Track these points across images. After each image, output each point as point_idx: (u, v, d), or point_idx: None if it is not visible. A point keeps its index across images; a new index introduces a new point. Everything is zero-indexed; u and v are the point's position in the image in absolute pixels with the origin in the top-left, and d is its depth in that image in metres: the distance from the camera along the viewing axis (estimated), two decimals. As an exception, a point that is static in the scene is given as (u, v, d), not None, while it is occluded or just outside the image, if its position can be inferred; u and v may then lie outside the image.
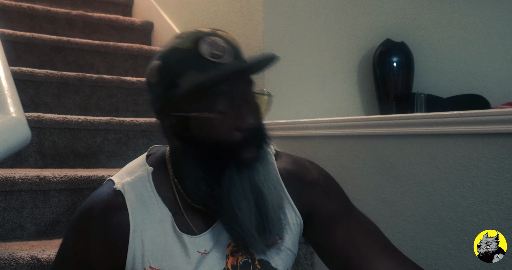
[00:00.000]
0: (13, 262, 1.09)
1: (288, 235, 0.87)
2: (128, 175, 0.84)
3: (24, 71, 1.77)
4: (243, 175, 0.76)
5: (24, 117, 1.00)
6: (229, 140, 0.75)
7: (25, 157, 1.57)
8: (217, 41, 0.78)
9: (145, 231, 0.80)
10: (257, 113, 0.79)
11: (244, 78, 0.79)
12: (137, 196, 0.81)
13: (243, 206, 0.76)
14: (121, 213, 0.79)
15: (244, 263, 0.83)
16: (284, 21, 1.75)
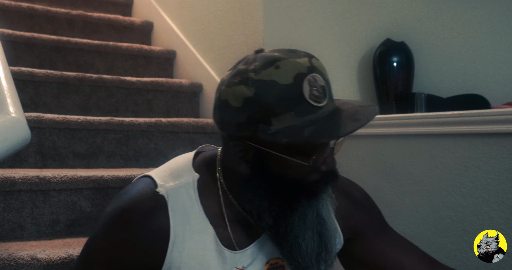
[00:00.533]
0: (13, 262, 1.09)
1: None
2: (172, 179, 0.79)
3: (24, 71, 1.76)
4: (313, 207, 0.76)
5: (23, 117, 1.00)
6: (308, 180, 0.75)
7: (24, 157, 1.57)
8: (318, 80, 0.72)
9: (184, 242, 0.76)
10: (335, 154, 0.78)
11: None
12: (180, 204, 0.77)
13: (308, 237, 0.76)
14: (163, 220, 0.75)
15: None
16: (284, 21, 1.75)
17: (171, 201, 0.76)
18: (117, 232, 0.77)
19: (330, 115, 0.72)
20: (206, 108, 2.05)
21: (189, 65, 2.19)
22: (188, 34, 2.24)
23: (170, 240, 0.75)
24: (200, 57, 2.12)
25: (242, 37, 1.83)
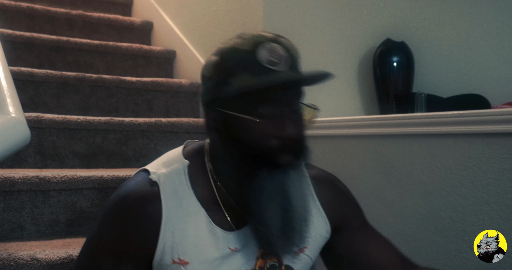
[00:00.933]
0: (13, 263, 1.09)
1: (313, 243, 0.90)
2: (164, 167, 0.85)
3: (24, 71, 1.76)
4: (275, 179, 0.77)
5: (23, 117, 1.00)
6: (267, 145, 0.77)
7: (24, 157, 1.57)
8: (277, 49, 0.80)
9: (176, 223, 0.81)
10: (299, 124, 0.80)
11: (294, 89, 0.80)
12: (172, 189, 0.82)
13: (271, 209, 0.78)
14: (155, 203, 0.81)
15: (271, 266, 0.85)
16: (284, 21, 1.75)
17: (163, 186, 0.82)
18: (115, 218, 0.83)
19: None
20: (206, 108, 2.05)
21: (189, 65, 2.19)
22: (188, 34, 2.24)
23: (162, 221, 0.80)
24: (200, 57, 2.12)
25: (242, 37, 1.83)
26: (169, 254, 0.81)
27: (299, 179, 0.81)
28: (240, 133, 0.78)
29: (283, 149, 0.77)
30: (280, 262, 0.86)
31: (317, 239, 0.90)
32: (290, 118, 0.78)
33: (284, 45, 0.81)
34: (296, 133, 0.78)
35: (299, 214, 0.80)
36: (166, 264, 0.81)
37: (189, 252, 0.81)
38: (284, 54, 0.80)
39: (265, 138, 0.77)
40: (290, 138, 0.77)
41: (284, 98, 0.78)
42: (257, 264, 0.84)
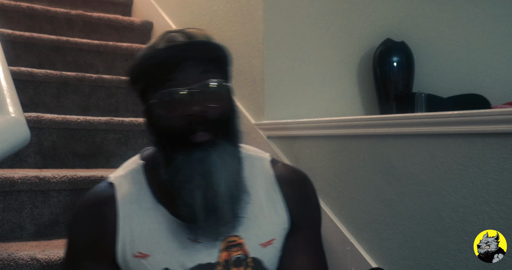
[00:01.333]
0: (12, 263, 1.09)
1: (280, 236, 0.90)
2: (122, 170, 0.91)
3: (23, 71, 1.76)
4: (192, 158, 0.78)
5: (23, 117, 1.00)
6: (175, 126, 0.79)
7: (24, 157, 1.57)
8: (176, 37, 0.83)
9: (134, 218, 0.84)
10: (208, 100, 0.80)
11: (189, 65, 0.81)
12: (128, 187, 0.86)
13: (191, 189, 0.79)
14: (111, 202, 0.85)
15: (237, 259, 0.85)
16: (284, 21, 1.75)
17: (119, 185, 0.87)
18: (76, 221, 0.88)
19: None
20: (206, 108, 2.05)
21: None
22: (188, 34, 2.24)
23: (119, 218, 0.84)
24: (200, 57, 2.11)
25: (242, 37, 1.83)
26: (129, 249, 0.84)
27: (225, 158, 0.80)
28: (153, 121, 0.83)
29: (192, 128, 0.78)
30: (246, 254, 0.86)
31: (283, 232, 0.90)
32: (191, 96, 0.79)
33: (188, 34, 0.84)
34: (202, 109, 0.78)
35: (224, 192, 0.80)
36: (128, 259, 0.84)
37: (148, 245, 0.84)
38: (183, 38, 0.83)
39: (172, 119, 0.79)
40: (194, 115, 0.78)
41: (185, 74, 0.80)
42: (221, 256, 0.85)
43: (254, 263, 0.86)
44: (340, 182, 1.45)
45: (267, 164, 0.94)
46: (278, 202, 0.90)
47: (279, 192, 0.91)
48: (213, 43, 0.83)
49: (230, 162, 0.81)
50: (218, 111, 0.81)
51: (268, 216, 0.89)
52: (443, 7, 2.05)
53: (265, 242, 0.87)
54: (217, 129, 0.80)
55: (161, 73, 0.81)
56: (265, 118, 1.70)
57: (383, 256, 1.34)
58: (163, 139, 0.82)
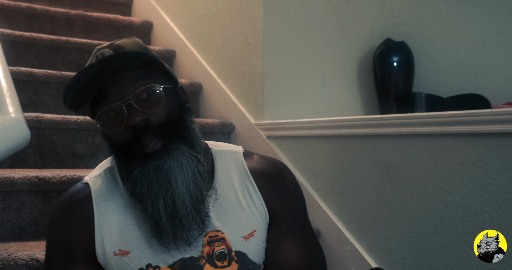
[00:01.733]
0: (12, 263, 1.09)
1: (261, 228, 0.90)
2: (97, 170, 0.92)
3: (23, 71, 1.76)
4: (147, 167, 0.78)
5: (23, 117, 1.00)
6: (123, 141, 0.80)
7: (24, 157, 1.56)
8: (104, 52, 0.82)
9: (110, 216, 0.85)
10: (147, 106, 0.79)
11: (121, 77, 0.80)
12: (103, 185, 0.87)
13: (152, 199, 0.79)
14: (86, 202, 0.86)
15: (220, 253, 0.86)
16: (284, 21, 1.75)
17: (94, 185, 0.88)
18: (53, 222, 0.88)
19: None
20: (205, 108, 2.05)
21: (189, 65, 2.19)
22: (187, 34, 2.24)
23: (95, 216, 0.85)
24: (200, 57, 2.12)
25: (242, 37, 1.83)
26: (109, 247, 0.84)
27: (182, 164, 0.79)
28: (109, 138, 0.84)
29: (138, 139, 0.78)
30: (229, 248, 0.86)
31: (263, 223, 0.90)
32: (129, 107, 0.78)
33: (113, 47, 0.82)
34: (142, 119, 0.78)
35: (185, 196, 0.79)
36: (109, 257, 0.84)
37: (127, 242, 0.84)
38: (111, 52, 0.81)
39: (118, 135, 0.80)
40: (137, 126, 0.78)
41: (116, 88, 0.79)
42: (204, 251, 0.85)
43: (238, 256, 0.86)
44: (340, 182, 1.45)
45: (240, 157, 0.93)
46: (254, 194, 0.90)
47: (254, 184, 0.90)
48: (132, 51, 0.81)
49: (186, 164, 0.80)
50: (161, 116, 0.80)
51: (246, 209, 0.89)
52: (443, 7, 2.05)
53: (247, 234, 0.87)
54: (166, 134, 0.80)
55: (96, 91, 0.81)
56: (265, 118, 1.70)
57: (383, 256, 1.34)
58: (118, 154, 0.83)
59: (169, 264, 0.83)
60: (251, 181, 0.91)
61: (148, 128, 0.79)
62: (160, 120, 0.80)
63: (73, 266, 0.85)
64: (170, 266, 0.83)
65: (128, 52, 0.80)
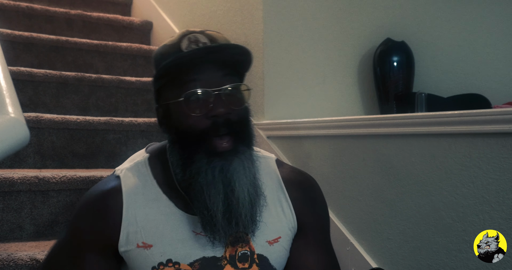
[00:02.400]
0: (12, 263, 1.09)
1: (287, 235, 0.90)
2: (128, 163, 0.92)
3: (23, 71, 1.76)
4: (214, 164, 0.79)
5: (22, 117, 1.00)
6: (199, 127, 0.80)
7: (23, 158, 1.56)
8: (199, 37, 0.83)
9: (138, 209, 0.85)
10: (231, 102, 0.81)
11: (215, 67, 0.81)
12: (134, 179, 0.88)
13: (212, 194, 0.79)
14: (116, 194, 0.86)
15: (243, 254, 0.86)
16: (284, 20, 1.75)
17: (125, 178, 0.88)
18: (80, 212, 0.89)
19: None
20: (205, 108, 2.05)
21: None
22: (187, 33, 2.24)
23: (123, 208, 0.85)
24: (200, 57, 2.11)
25: (242, 37, 1.82)
26: (133, 239, 0.84)
27: (245, 166, 0.81)
28: (177, 119, 0.83)
29: (216, 130, 0.80)
30: (252, 250, 0.86)
31: (290, 232, 0.91)
32: (218, 96, 0.80)
33: (210, 36, 0.84)
34: (226, 111, 0.80)
35: (245, 200, 0.81)
36: (132, 249, 0.84)
37: (152, 235, 0.84)
38: (205, 40, 0.83)
39: (197, 119, 0.80)
40: (221, 117, 0.79)
41: (208, 75, 0.81)
42: (226, 251, 0.85)
43: (259, 260, 0.87)
44: (340, 182, 1.45)
45: (273, 164, 0.95)
46: (285, 202, 0.91)
47: (286, 192, 0.92)
48: (243, 48, 0.83)
49: (249, 169, 0.82)
50: (239, 114, 0.83)
51: (274, 215, 0.89)
52: (444, 7, 2.05)
53: (272, 239, 0.88)
54: (239, 134, 0.82)
55: (185, 72, 0.81)
56: (265, 118, 1.70)
57: (383, 256, 1.33)
58: (182, 138, 0.82)
59: (189, 262, 0.83)
60: (283, 189, 0.92)
61: (228, 122, 0.80)
62: (238, 118, 0.82)
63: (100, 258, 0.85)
64: (190, 264, 0.83)
65: (241, 46, 0.81)
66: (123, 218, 0.85)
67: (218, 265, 0.84)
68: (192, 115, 0.80)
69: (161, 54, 0.84)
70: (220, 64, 0.82)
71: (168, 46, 0.84)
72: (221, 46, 0.81)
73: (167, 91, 0.84)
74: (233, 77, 0.84)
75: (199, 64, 0.81)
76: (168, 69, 0.81)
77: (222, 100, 0.80)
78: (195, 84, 0.80)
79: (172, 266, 0.83)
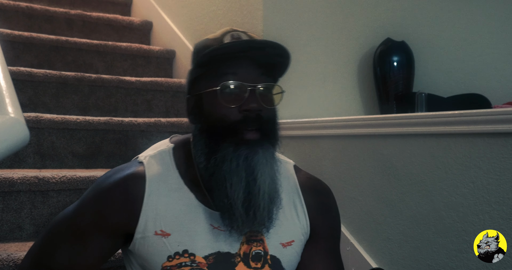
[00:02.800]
0: (12, 263, 1.09)
1: (300, 240, 0.91)
2: (152, 150, 0.91)
3: (23, 71, 1.76)
4: (240, 153, 0.80)
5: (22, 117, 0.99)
6: (231, 119, 0.81)
7: (23, 158, 1.56)
8: (241, 35, 0.85)
9: (160, 197, 0.85)
10: (263, 100, 0.83)
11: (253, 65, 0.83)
12: (157, 166, 0.88)
13: (234, 181, 0.80)
14: (139, 180, 0.85)
15: (256, 254, 0.86)
16: (284, 20, 1.75)
17: (148, 164, 0.88)
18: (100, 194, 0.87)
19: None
20: (205, 108, 2.05)
21: (189, 65, 2.18)
22: (187, 33, 2.24)
23: (145, 195, 0.84)
24: (200, 57, 2.11)
25: (241, 37, 1.82)
26: (151, 225, 0.84)
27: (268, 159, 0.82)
28: (209, 109, 0.84)
29: (246, 123, 0.81)
30: (266, 251, 0.87)
31: (302, 237, 0.92)
32: (253, 92, 0.82)
33: (249, 35, 0.86)
34: (258, 108, 0.81)
35: (265, 192, 0.81)
36: (148, 235, 0.84)
37: (171, 224, 0.84)
38: (246, 38, 0.85)
39: (229, 110, 0.81)
40: (252, 112, 0.81)
41: (246, 71, 0.82)
42: (241, 249, 0.86)
43: (272, 261, 0.87)
44: (340, 182, 1.45)
45: (291, 169, 0.96)
46: (300, 208, 0.92)
47: (302, 198, 0.93)
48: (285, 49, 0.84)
49: (272, 164, 0.83)
50: (269, 114, 0.85)
51: (289, 218, 0.90)
52: (444, 7, 2.04)
53: (285, 242, 0.89)
54: (266, 132, 0.83)
55: (224, 64, 0.83)
56: (265, 118, 1.70)
57: (383, 256, 1.33)
58: (211, 127, 0.83)
59: (205, 255, 0.84)
60: (299, 195, 0.93)
61: (258, 118, 0.82)
62: (267, 117, 0.84)
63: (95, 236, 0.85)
64: (205, 257, 0.84)
65: (283, 47, 0.83)
66: (143, 204, 0.84)
67: (231, 261, 0.85)
68: (225, 106, 0.81)
69: (203, 46, 0.86)
70: (258, 62, 0.84)
71: (210, 39, 0.86)
72: (264, 42, 0.82)
73: (202, 82, 0.85)
74: (268, 78, 0.85)
75: (239, 58, 0.82)
76: (209, 58, 0.82)
77: (255, 96, 0.82)
78: (232, 77, 0.82)
79: (188, 257, 0.83)
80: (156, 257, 0.83)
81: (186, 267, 0.83)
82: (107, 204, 0.85)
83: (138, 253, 0.85)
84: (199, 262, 0.83)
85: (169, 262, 0.83)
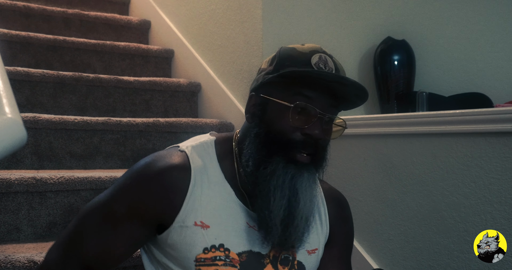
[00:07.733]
0: (9, 265, 1.08)
1: (321, 247, 0.95)
2: (193, 141, 0.91)
3: (20, 71, 1.75)
4: (288, 170, 0.82)
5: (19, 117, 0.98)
6: (291, 136, 0.83)
7: (21, 158, 1.55)
8: (327, 59, 0.86)
9: (202, 189, 0.86)
10: (326, 131, 0.86)
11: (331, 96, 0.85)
12: (200, 157, 0.88)
13: (278, 197, 0.82)
14: (184, 169, 0.85)
15: (285, 258, 0.89)
16: (283, 19, 1.74)
17: (192, 155, 0.88)
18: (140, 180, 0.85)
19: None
20: (204, 108, 2.04)
21: (187, 64, 2.17)
22: (186, 33, 2.23)
23: (190, 184, 0.84)
24: (199, 56, 2.10)
25: (241, 36, 1.81)
26: (192, 216, 0.84)
27: (311, 183, 0.84)
28: (272, 118, 0.85)
29: (304, 145, 0.83)
30: (294, 256, 0.89)
31: (323, 244, 0.95)
32: (320, 120, 0.83)
33: (334, 61, 0.88)
34: (320, 136, 0.83)
35: (303, 212, 0.83)
36: (187, 225, 0.84)
37: (210, 216, 0.85)
38: (332, 66, 0.86)
39: (292, 130, 0.83)
40: (313, 138, 0.83)
41: (321, 99, 0.83)
42: (271, 251, 0.87)
43: (298, 267, 0.90)
44: (340, 182, 1.44)
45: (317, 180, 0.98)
46: (324, 216, 0.96)
47: (326, 207, 0.97)
48: (366, 94, 0.86)
49: (312, 188, 0.85)
50: (325, 144, 0.87)
51: (314, 227, 0.92)
52: (444, 5, 2.04)
53: (311, 250, 0.91)
54: (317, 158, 0.86)
55: (305, 85, 0.83)
56: (264, 118, 1.69)
57: (384, 257, 1.33)
58: (268, 136, 0.84)
59: (238, 252, 0.85)
60: (324, 204, 0.97)
61: (315, 144, 0.84)
62: (323, 146, 0.87)
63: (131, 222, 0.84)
64: (238, 253, 0.85)
65: (366, 91, 0.85)
66: (187, 194, 0.84)
67: (261, 262, 0.86)
68: (290, 123, 0.83)
69: (289, 56, 0.86)
70: (334, 94, 0.85)
71: (298, 52, 0.86)
72: (353, 83, 0.83)
73: (275, 88, 0.85)
74: (336, 110, 0.87)
75: (321, 85, 0.83)
76: (294, 74, 0.83)
77: (320, 125, 0.84)
78: (306, 100, 0.83)
79: (223, 251, 0.84)
80: (192, 247, 0.83)
81: (220, 261, 0.84)
82: (149, 193, 0.84)
83: (171, 242, 0.85)
84: (232, 258, 0.85)
85: (205, 254, 0.84)
